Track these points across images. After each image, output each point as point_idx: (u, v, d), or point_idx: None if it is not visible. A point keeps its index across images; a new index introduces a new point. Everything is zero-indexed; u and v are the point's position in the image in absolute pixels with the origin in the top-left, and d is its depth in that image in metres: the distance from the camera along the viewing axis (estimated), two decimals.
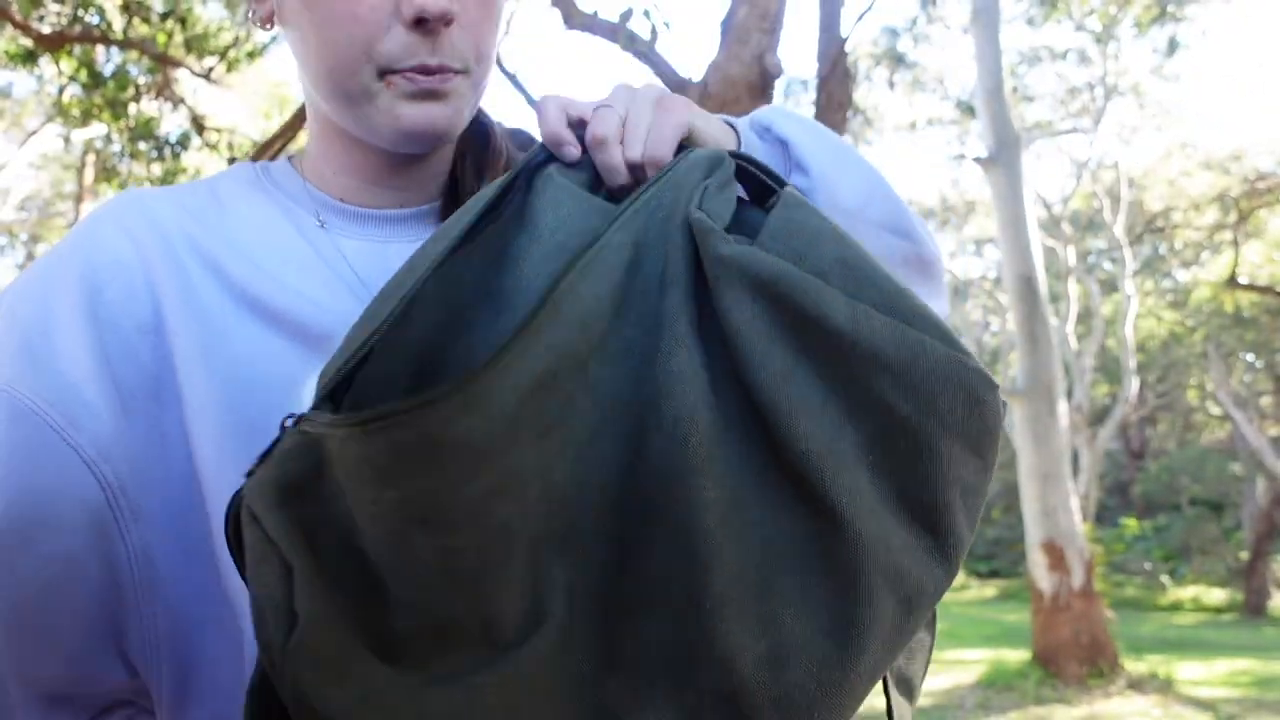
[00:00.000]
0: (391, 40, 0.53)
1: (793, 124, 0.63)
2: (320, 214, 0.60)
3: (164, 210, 0.56)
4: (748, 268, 0.43)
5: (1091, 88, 17.20)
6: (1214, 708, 7.07)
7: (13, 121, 13.72)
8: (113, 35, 5.72)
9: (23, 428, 0.48)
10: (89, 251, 0.53)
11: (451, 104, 0.56)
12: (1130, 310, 16.35)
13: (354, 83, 0.55)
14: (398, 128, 0.55)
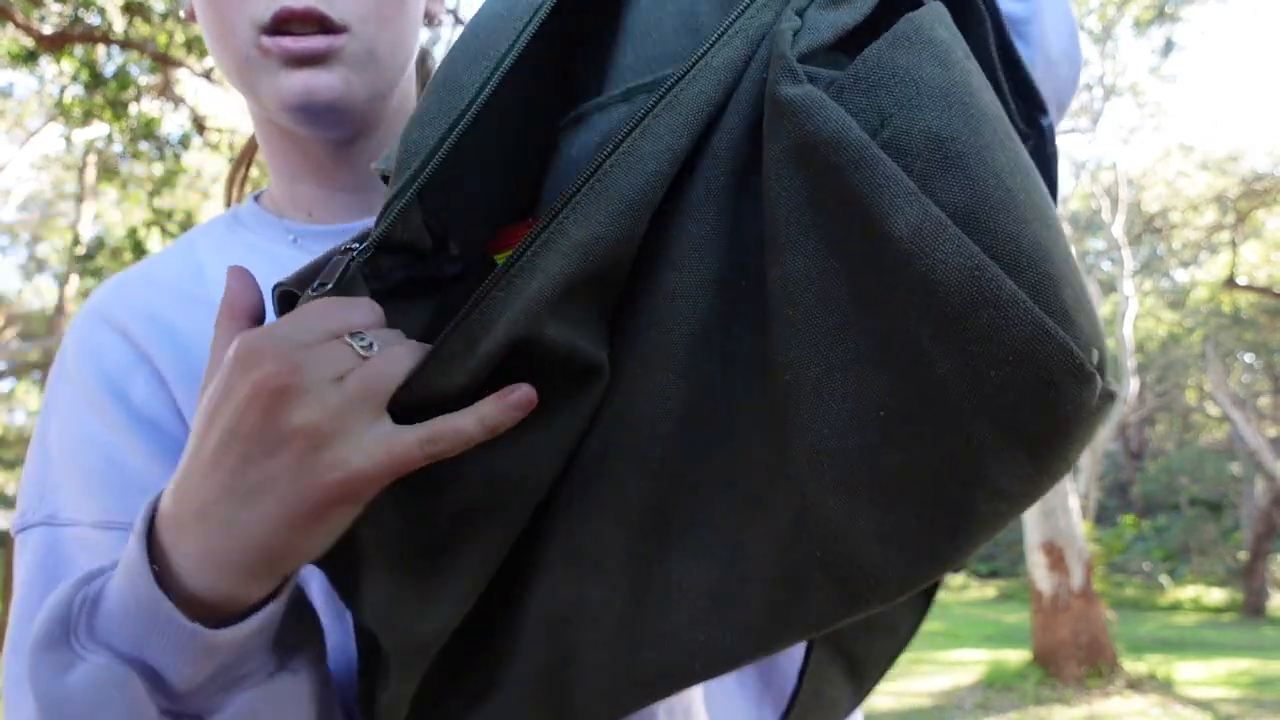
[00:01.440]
0: (261, 3, 0.51)
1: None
2: (293, 235, 0.60)
3: (144, 296, 0.56)
4: (804, 120, 0.32)
5: (1090, 88, 17.22)
6: (1213, 708, 7.08)
7: (14, 122, 13.72)
8: (114, 35, 5.72)
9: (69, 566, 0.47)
10: (98, 360, 0.53)
11: (336, 70, 0.52)
12: (1129, 310, 16.35)
13: (237, 53, 0.53)
14: (280, 99, 0.53)
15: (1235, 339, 17.93)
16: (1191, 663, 9.50)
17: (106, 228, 11.17)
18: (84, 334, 0.55)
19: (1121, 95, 17.49)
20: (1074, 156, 18.49)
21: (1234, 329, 17.31)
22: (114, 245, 6.99)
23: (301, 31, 0.51)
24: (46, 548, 0.48)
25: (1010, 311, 0.29)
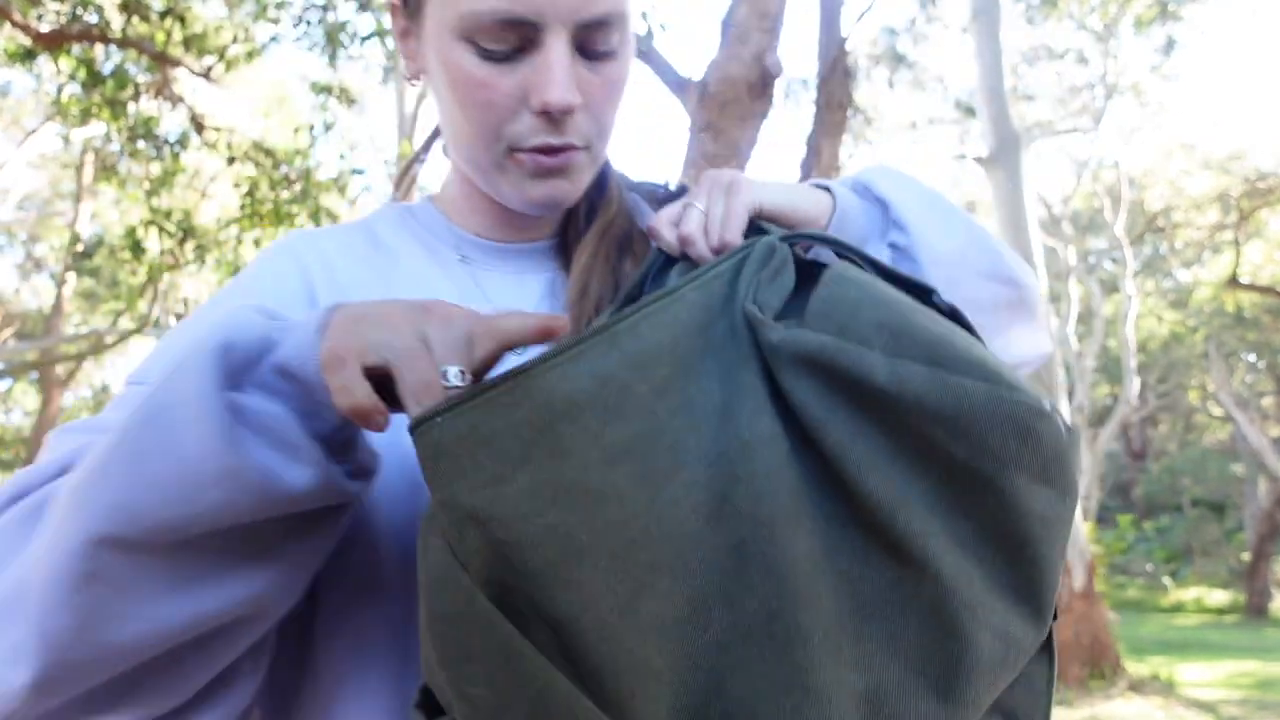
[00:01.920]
0: (519, 123, 0.60)
1: (891, 183, 0.68)
2: (461, 248, 0.69)
3: (329, 245, 0.67)
4: (796, 349, 0.47)
5: (1092, 87, 17.19)
6: (1216, 709, 7.05)
7: (11, 120, 13.72)
8: (111, 34, 5.70)
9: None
10: (276, 284, 0.64)
11: (572, 178, 0.64)
12: (1131, 310, 16.32)
13: (486, 157, 0.62)
14: (524, 199, 0.64)
15: (1238, 339, 17.90)
16: (1194, 664, 9.48)
17: (104, 227, 11.16)
18: (271, 259, 0.66)
19: (1123, 94, 17.47)
20: (1076, 156, 18.47)
21: (1237, 329, 17.28)
22: (112, 244, 6.96)
23: (553, 146, 0.61)
24: (127, 399, 0.57)
25: (975, 396, 0.44)
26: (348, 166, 6.79)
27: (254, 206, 6.56)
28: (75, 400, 17.78)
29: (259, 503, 0.44)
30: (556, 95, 0.58)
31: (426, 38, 0.61)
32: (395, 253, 0.68)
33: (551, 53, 0.58)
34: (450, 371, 0.45)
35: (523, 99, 0.59)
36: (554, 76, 0.58)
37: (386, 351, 0.45)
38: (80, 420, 0.56)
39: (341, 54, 6.67)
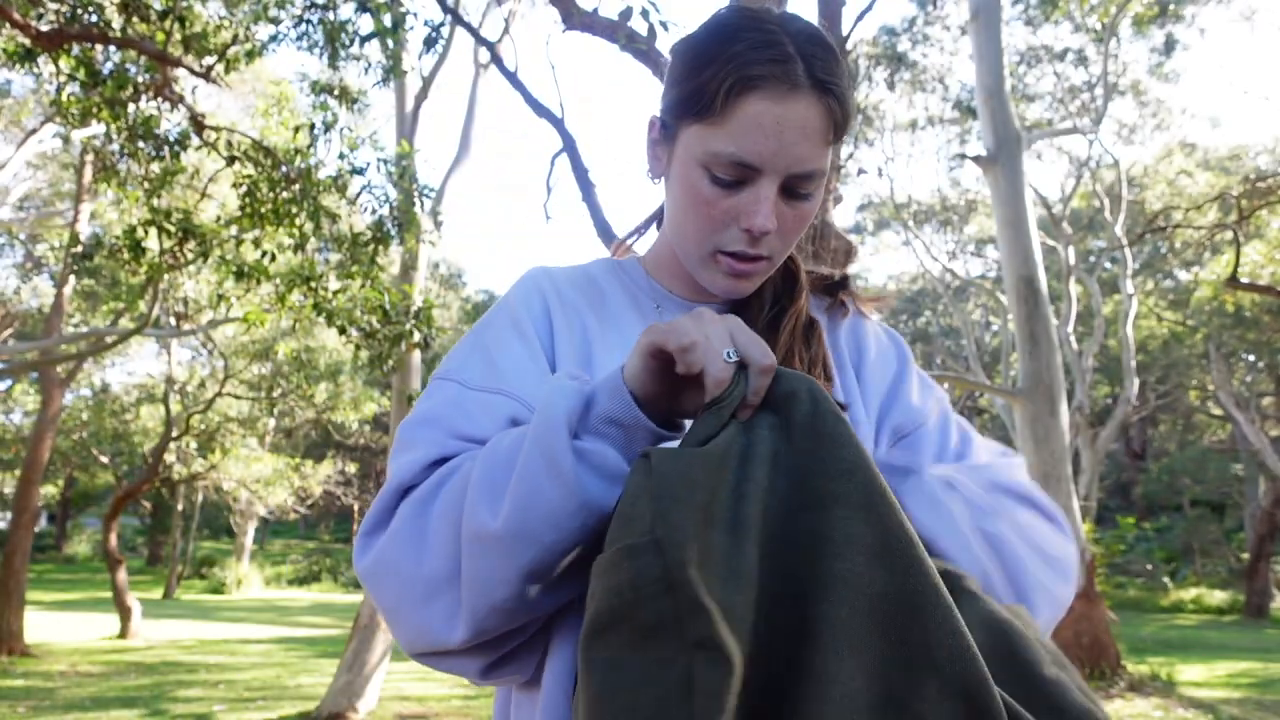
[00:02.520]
0: (727, 234, 0.80)
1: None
2: (658, 301, 0.90)
3: (560, 276, 0.91)
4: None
5: (1091, 87, 17.18)
6: (1215, 709, 7.05)
7: (11, 120, 13.71)
8: (111, 34, 5.70)
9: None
10: (528, 306, 0.87)
11: (753, 282, 0.84)
12: (1131, 310, 16.32)
13: (696, 252, 0.83)
14: (715, 288, 0.85)
15: (1238, 339, 17.89)
16: (1194, 664, 9.47)
17: (104, 227, 11.16)
18: (526, 287, 0.89)
19: (1123, 94, 17.46)
20: (1076, 156, 18.45)
21: (1237, 329, 17.27)
22: (112, 244, 6.95)
23: (748, 255, 0.81)
24: (455, 395, 0.78)
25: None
26: (347, 166, 6.77)
27: (254, 206, 6.56)
28: (75, 400, 17.76)
29: (602, 522, 0.63)
30: (759, 223, 0.78)
31: (675, 156, 0.82)
32: (605, 293, 0.90)
33: (763, 190, 0.78)
34: (728, 351, 0.62)
35: (735, 218, 0.79)
36: (761, 209, 0.78)
37: (685, 339, 0.63)
38: (421, 415, 0.78)
39: (342, 54, 6.67)
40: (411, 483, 0.72)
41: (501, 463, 0.66)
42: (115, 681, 8.55)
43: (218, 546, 29.92)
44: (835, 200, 3.86)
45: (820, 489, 0.57)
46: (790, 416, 0.61)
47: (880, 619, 0.53)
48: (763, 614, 0.54)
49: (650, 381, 0.65)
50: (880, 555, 0.54)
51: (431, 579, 0.67)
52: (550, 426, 0.64)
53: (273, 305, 7.38)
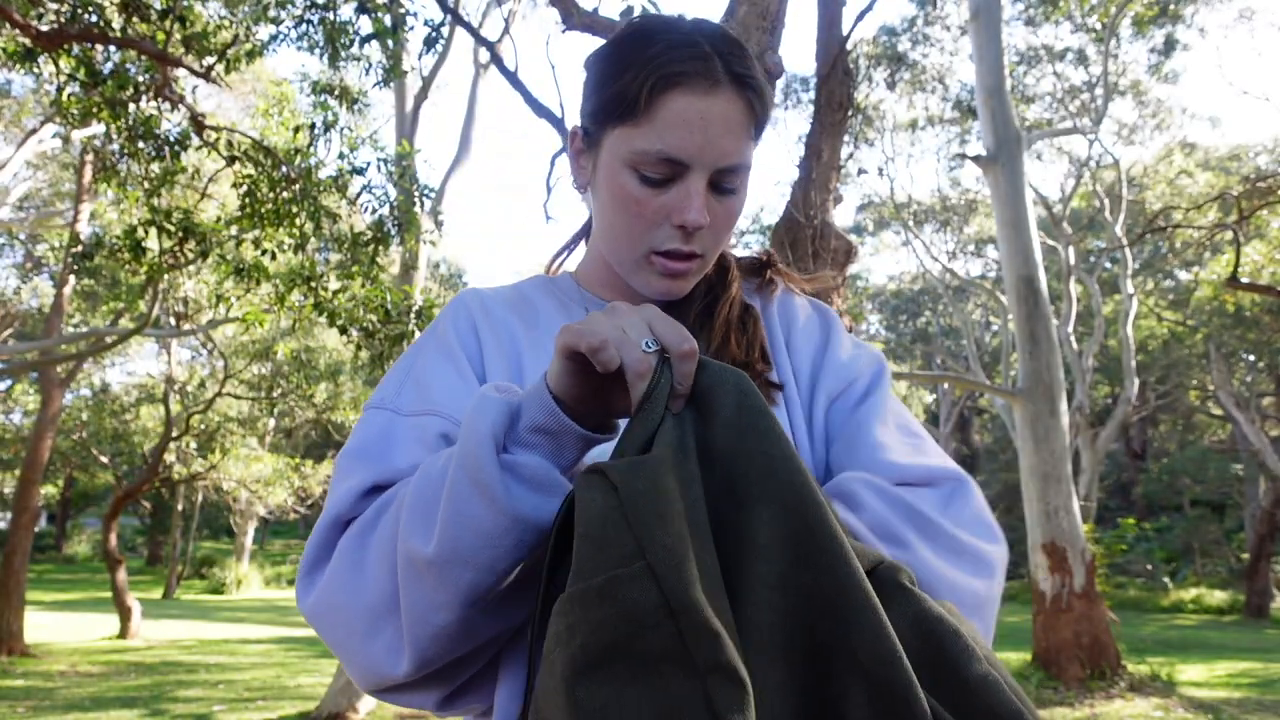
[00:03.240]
0: (660, 234, 0.81)
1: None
2: (589, 307, 0.90)
3: (491, 300, 0.90)
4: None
5: (1091, 87, 17.18)
6: (1215, 709, 7.05)
7: (11, 120, 13.71)
8: (111, 34, 5.69)
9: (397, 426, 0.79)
10: (456, 328, 0.87)
11: (688, 281, 0.85)
12: (1131, 310, 16.32)
13: (629, 255, 0.83)
14: (650, 291, 0.85)
15: (1238, 339, 17.89)
16: (1194, 664, 9.47)
17: (104, 227, 11.15)
18: (454, 310, 0.89)
19: (1123, 94, 17.46)
20: (1076, 156, 18.46)
21: (1237, 329, 17.27)
22: (112, 244, 6.95)
23: (682, 252, 0.81)
24: (387, 423, 0.77)
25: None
26: (348, 166, 6.77)
27: (254, 206, 6.56)
28: (75, 400, 17.76)
29: (539, 536, 0.62)
30: (692, 217, 0.79)
31: (601, 162, 0.82)
32: (536, 308, 0.90)
33: (692, 185, 0.79)
34: (647, 341, 0.61)
35: (667, 216, 0.80)
36: (693, 203, 0.79)
37: (596, 337, 0.60)
38: (355, 446, 0.77)
39: (342, 54, 6.67)
40: (348, 514, 0.71)
41: (432, 486, 0.65)
42: (115, 681, 8.55)
43: (218, 546, 29.92)
44: (835, 200, 3.86)
45: (743, 488, 0.56)
46: (714, 410, 0.59)
47: (804, 622, 0.52)
48: None
49: (573, 384, 0.63)
50: (804, 557, 0.53)
51: (373, 611, 0.66)
52: (475, 443, 0.62)
53: (273, 305, 7.38)
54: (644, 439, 0.58)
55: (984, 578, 0.76)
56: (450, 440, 0.75)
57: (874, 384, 0.86)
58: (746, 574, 0.53)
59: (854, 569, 0.53)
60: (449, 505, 0.62)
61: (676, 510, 0.53)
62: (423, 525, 0.63)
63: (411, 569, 0.63)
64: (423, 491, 0.65)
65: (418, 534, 0.63)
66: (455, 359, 0.83)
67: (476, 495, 0.61)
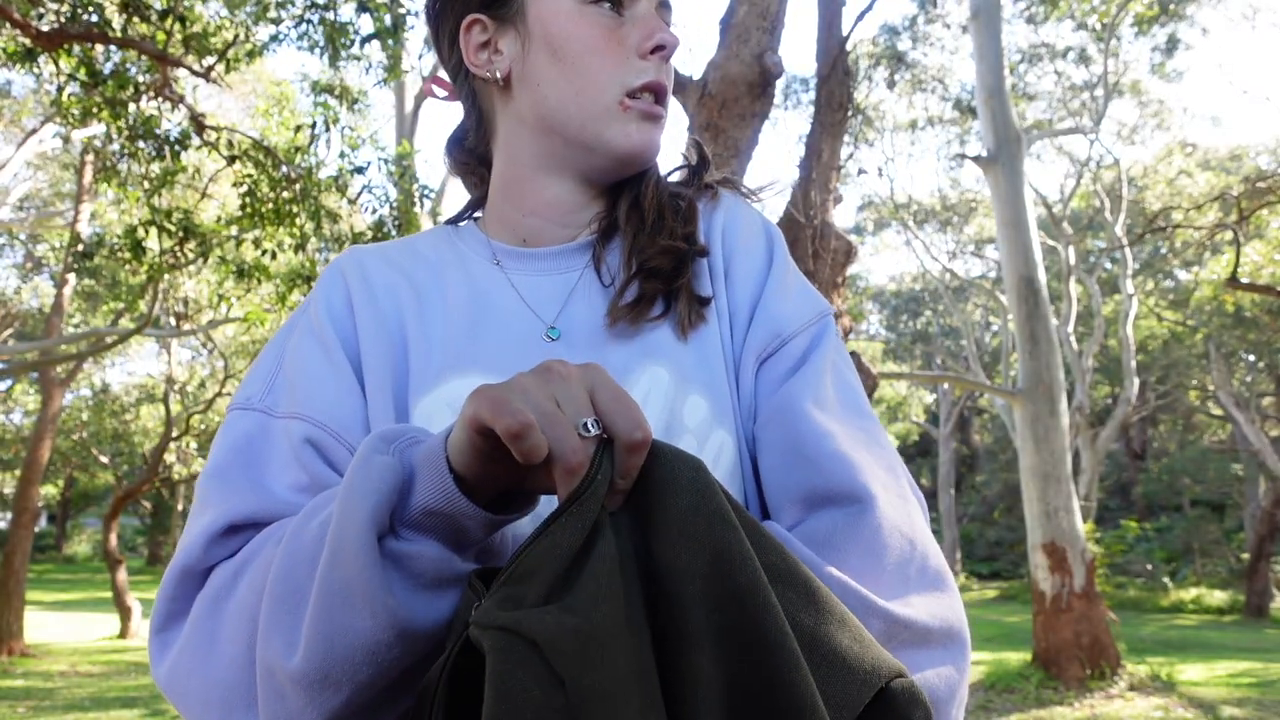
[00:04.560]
0: (630, 69, 0.73)
1: None
2: (495, 256, 0.77)
3: (372, 262, 0.78)
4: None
5: (1091, 87, 17.19)
6: (1215, 709, 7.05)
7: (11, 120, 13.71)
8: (112, 34, 5.70)
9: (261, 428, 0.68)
10: (327, 301, 0.75)
11: (661, 128, 0.75)
12: (1131, 310, 16.32)
13: (602, 103, 0.72)
14: (629, 144, 0.73)
15: (1238, 339, 17.89)
16: (1193, 664, 9.47)
17: (104, 227, 11.15)
18: (327, 280, 0.77)
19: (1123, 95, 17.46)
20: (1076, 156, 18.47)
21: (1237, 329, 17.27)
22: (112, 244, 6.95)
23: (661, 84, 0.74)
24: (260, 426, 0.67)
25: None
26: (348, 166, 6.78)
27: (254, 206, 6.56)
28: (75, 400, 17.77)
29: (431, 642, 0.51)
30: (667, 36, 0.72)
31: (533, 23, 0.73)
32: (434, 264, 0.78)
33: (645, 7, 0.73)
34: (587, 423, 0.48)
35: (632, 46, 0.73)
36: (660, 24, 0.73)
37: (518, 418, 0.46)
38: (214, 464, 0.65)
39: (342, 54, 6.68)
40: (198, 564, 0.60)
41: (297, 572, 0.52)
42: (115, 681, 8.55)
43: None
44: (835, 200, 3.87)
45: (697, 624, 0.43)
46: (664, 516, 0.46)
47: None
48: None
49: (480, 463, 0.50)
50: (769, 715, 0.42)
51: (226, 703, 0.55)
52: (351, 534, 0.49)
53: (273, 305, 7.39)
54: (570, 551, 0.44)
55: (954, 663, 0.59)
56: (319, 450, 0.64)
57: (816, 342, 0.70)
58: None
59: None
60: (318, 611, 0.49)
61: (631, 688, 0.41)
62: (286, 628, 0.51)
63: (272, 681, 0.51)
64: (287, 577, 0.52)
65: (278, 638, 0.51)
66: (326, 345, 0.70)
67: (352, 602, 0.49)
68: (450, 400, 0.67)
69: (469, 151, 0.84)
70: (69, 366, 11.79)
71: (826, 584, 0.53)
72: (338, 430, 0.66)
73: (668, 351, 0.69)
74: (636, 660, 0.42)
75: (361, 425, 0.67)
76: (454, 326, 0.72)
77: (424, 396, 0.67)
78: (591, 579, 0.43)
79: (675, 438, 0.65)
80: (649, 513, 0.47)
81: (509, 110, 0.77)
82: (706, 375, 0.69)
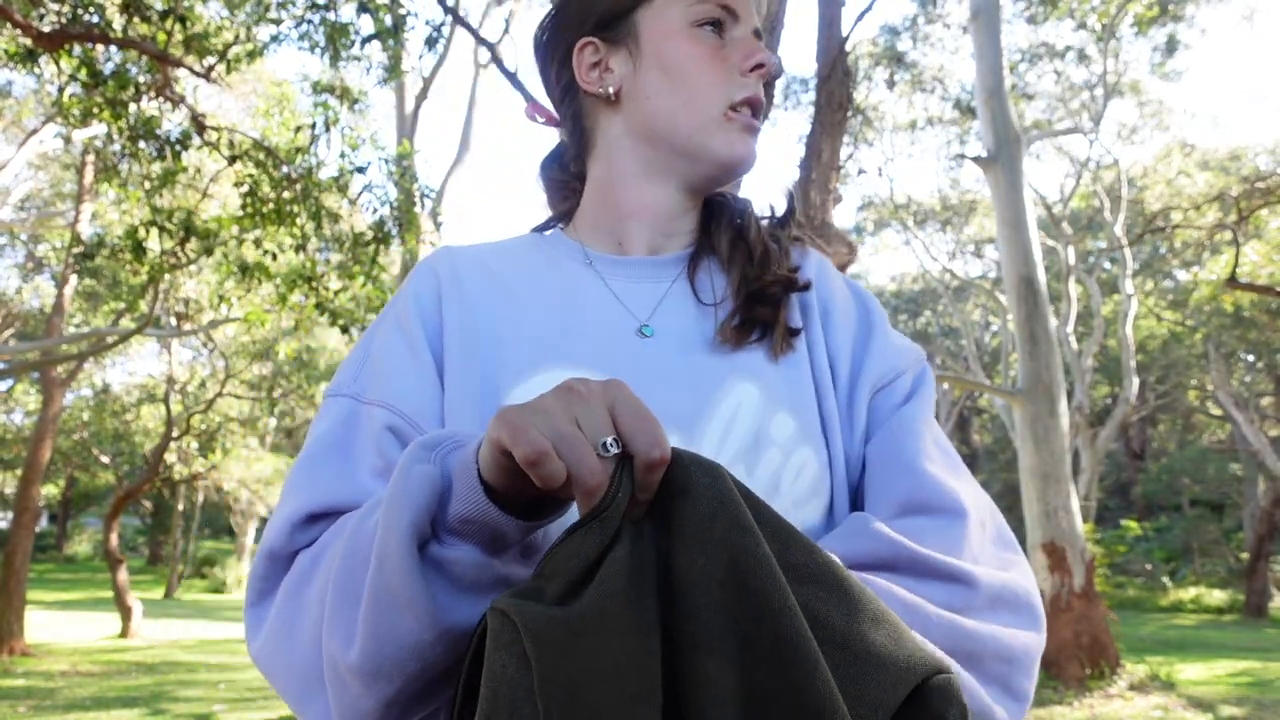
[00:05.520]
0: (734, 85, 0.79)
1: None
2: (589, 259, 0.81)
3: (465, 262, 0.82)
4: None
5: (1091, 87, 17.20)
6: (1215, 709, 7.06)
7: (12, 121, 13.72)
8: (113, 34, 5.71)
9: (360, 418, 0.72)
10: (417, 296, 0.78)
11: (757, 140, 0.81)
12: (1130, 310, 16.32)
13: (709, 114, 0.78)
14: (732, 152, 0.79)
15: (1237, 339, 17.90)
16: (1193, 664, 9.48)
17: (105, 227, 11.16)
18: (419, 276, 0.81)
19: (1123, 94, 17.47)
20: (1075, 156, 18.47)
21: (1236, 329, 17.28)
22: (113, 244, 6.96)
23: (760, 99, 0.80)
24: (350, 412, 0.71)
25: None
26: (349, 166, 6.79)
27: (255, 206, 6.57)
28: (76, 400, 17.77)
29: (468, 643, 0.53)
30: (769, 56, 0.79)
31: (645, 42, 0.80)
32: (526, 264, 0.82)
33: (744, 32, 0.81)
34: (607, 442, 0.49)
35: (735, 66, 0.79)
36: (760, 45, 0.81)
37: (536, 446, 0.48)
38: (306, 451, 0.70)
39: (343, 54, 6.69)
40: (281, 549, 0.65)
41: (355, 571, 0.56)
42: (116, 681, 8.56)
43: (218, 546, 29.92)
44: (835, 200, 3.88)
45: (714, 631, 0.44)
46: (683, 523, 0.47)
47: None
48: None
49: (507, 476, 0.52)
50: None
51: (304, 680, 0.60)
52: (394, 542, 0.52)
53: (274, 305, 7.40)
54: (589, 560, 0.46)
55: (1034, 629, 0.65)
56: (398, 437, 0.69)
57: (920, 381, 0.78)
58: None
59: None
60: (369, 611, 0.53)
61: (612, 702, 0.41)
62: (345, 622, 0.55)
63: (334, 672, 0.56)
64: (346, 575, 0.57)
65: (338, 633, 0.56)
66: (411, 338, 0.74)
67: (399, 606, 0.52)
68: (545, 389, 0.67)
69: (564, 168, 0.89)
70: (70, 366, 11.80)
71: (912, 558, 0.61)
72: (416, 419, 0.70)
73: (758, 371, 0.74)
74: (631, 658, 0.43)
75: (437, 417, 0.72)
76: (547, 322, 0.76)
77: (518, 386, 0.71)
78: (599, 582, 0.45)
79: (762, 450, 0.70)
80: (669, 520, 0.48)
81: (614, 123, 0.83)
82: (794, 397, 0.74)
